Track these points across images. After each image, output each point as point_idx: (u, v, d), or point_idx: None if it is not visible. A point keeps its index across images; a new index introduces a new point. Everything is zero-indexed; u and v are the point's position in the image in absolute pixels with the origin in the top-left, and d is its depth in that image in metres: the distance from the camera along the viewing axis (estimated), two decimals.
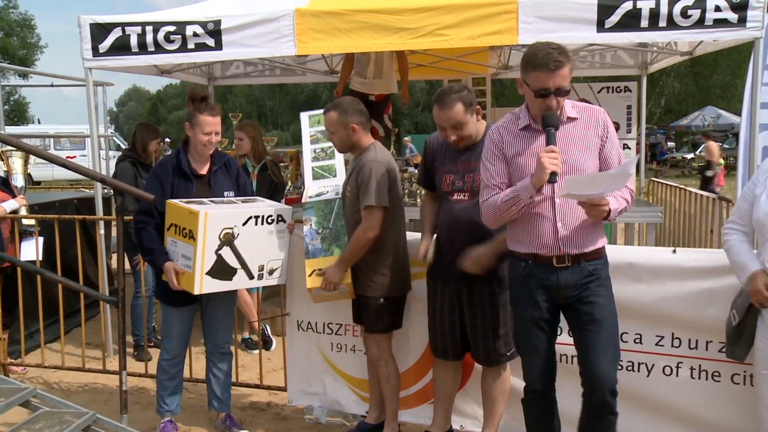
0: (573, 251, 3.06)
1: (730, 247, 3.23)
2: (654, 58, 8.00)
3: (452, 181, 3.58)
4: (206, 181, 3.97)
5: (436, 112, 3.51)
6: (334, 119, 3.79)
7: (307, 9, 4.82)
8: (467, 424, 4.09)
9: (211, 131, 3.88)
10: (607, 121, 3.13)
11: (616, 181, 2.93)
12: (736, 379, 3.53)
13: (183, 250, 3.70)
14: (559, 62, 2.88)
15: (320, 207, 3.91)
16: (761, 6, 4.24)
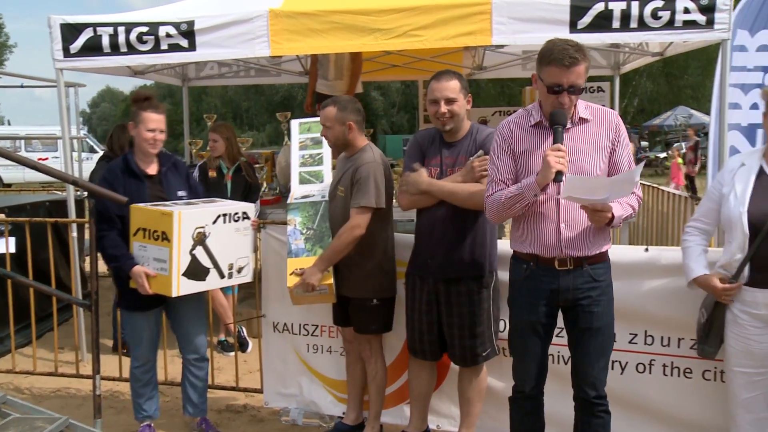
0: (575, 254, 3.03)
1: (684, 249, 3.30)
2: (626, 59, 8.09)
3: (436, 175, 3.58)
4: (158, 181, 3.93)
5: (433, 85, 3.51)
6: (332, 114, 3.79)
7: (281, 10, 4.80)
8: (444, 424, 4.10)
9: (156, 128, 3.84)
10: (620, 125, 3.09)
11: (621, 187, 2.88)
12: (707, 376, 3.59)
13: (155, 253, 3.65)
14: (575, 59, 2.85)
15: (306, 208, 3.92)
16: (728, 8, 4.31)
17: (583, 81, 2.92)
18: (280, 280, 4.33)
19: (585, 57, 2.89)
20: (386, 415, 4.16)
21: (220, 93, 43.81)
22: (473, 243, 3.54)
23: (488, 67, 8.93)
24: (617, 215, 2.95)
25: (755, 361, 3.11)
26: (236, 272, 3.95)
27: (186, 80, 8.93)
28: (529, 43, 4.68)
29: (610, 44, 6.83)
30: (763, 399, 3.15)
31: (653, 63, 8.30)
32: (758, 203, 3.04)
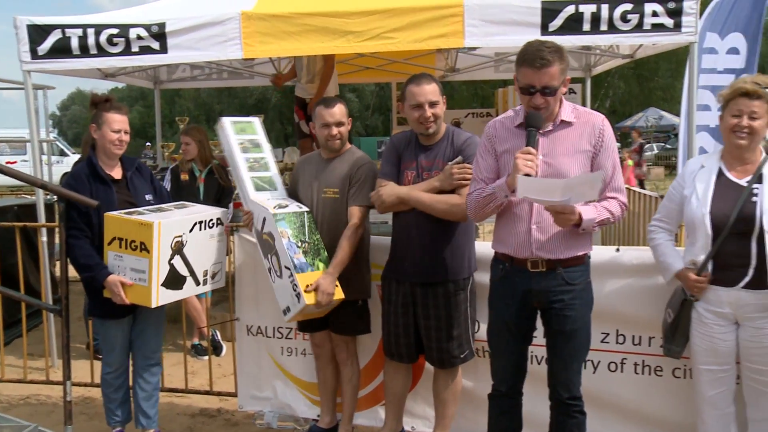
0: (547, 256, 3.04)
1: (656, 246, 3.35)
2: (597, 61, 8.18)
3: (412, 178, 3.58)
4: (125, 185, 3.84)
5: (413, 89, 3.49)
6: (344, 111, 3.84)
7: (254, 12, 4.78)
8: (418, 425, 4.11)
9: (120, 129, 3.76)
10: (604, 129, 3.05)
11: (583, 190, 2.82)
12: (677, 373, 3.64)
13: (133, 263, 3.57)
14: (546, 60, 2.86)
15: (291, 220, 3.70)
16: (694, 12, 4.38)
17: (559, 82, 2.92)
18: (254, 283, 4.32)
19: (560, 58, 2.90)
20: (360, 417, 4.16)
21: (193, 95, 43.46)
22: (450, 245, 3.54)
23: (461, 69, 8.98)
24: (587, 218, 2.92)
25: (720, 359, 3.17)
26: (210, 278, 3.92)
27: (158, 83, 8.85)
28: (501, 45, 4.72)
29: (582, 46, 6.92)
30: (728, 395, 3.21)
31: (624, 65, 8.40)
32: (719, 204, 3.10)
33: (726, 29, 6.05)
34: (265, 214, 3.67)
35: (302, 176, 3.95)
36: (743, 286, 3.05)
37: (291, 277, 3.56)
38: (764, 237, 2.99)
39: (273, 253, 3.63)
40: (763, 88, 3.04)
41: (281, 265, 3.61)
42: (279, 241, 3.58)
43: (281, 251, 3.58)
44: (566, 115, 3.05)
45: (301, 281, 3.53)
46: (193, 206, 4.02)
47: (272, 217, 3.62)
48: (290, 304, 3.61)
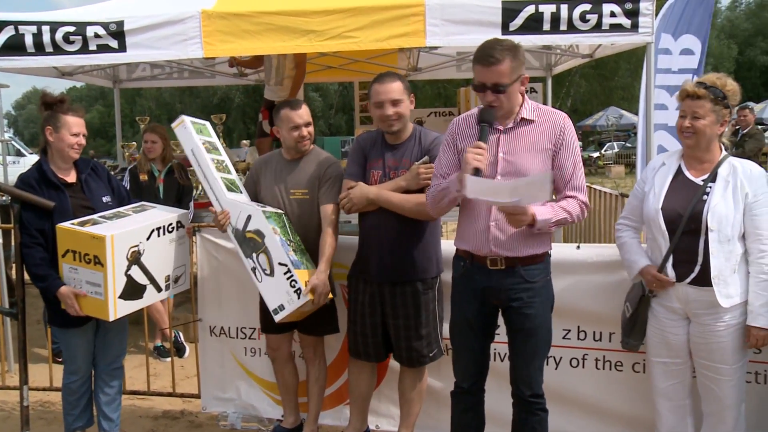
0: (505, 254, 3.06)
1: (622, 244, 3.40)
2: (558, 60, 8.26)
3: (378, 178, 3.59)
4: (79, 189, 3.72)
5: (376, 88, 3.50)
6: (309, 111, 3.85)
7: (214, 11, 4.73)
8: (383, 424, 4.12)
9: (79, 132, 3.66)
10: (566, 128, 3.07)
11: (533, 191, 2.80)
12: (636, 368, 3.71)
13: (88, 276, 3.47)
14: (495, 59, 2.89)
15: (276, 219, 3.67)
16: (650, 13, 4.45)
17: (510, 80, 2.94)
18: (216, 284, 4.29)
19: (513, 56, 2.92)
20: (325, 417, 4.16)
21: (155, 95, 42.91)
22: (418, 245, 3.56)
23: (423, 69, 9.00)
24: (541, 219, 2.93)
25: (672, 352, 3.25)
26: (173, 282, 3.86)
27: (117, 82, 8.71)
28: (462, 44, 4.74)
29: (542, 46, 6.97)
30: (681, 387, 3.29)
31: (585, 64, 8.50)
32: (672, 201, 3.16)
33: (679, 31, 6.18)
34: (251, 211, 3.61)
35: (264, 178, 3.91)
36: (689, 282, 3.12)
37: (288, 273, 3.51)
38: (708, 234, 3.06)
39: (261, 251, 3.56)
40: (708, 87, 3.10)
41: (273, 262, 3.53)
42: (271, 237, 3.53)
43: (274, 248, 3.52)
44: (527, 113, 3.07)
45: (300, 277, 3.51)
46: (153, 207, 3.94)
47: (261, 214, 3.57)
48: (285, 302, 3.53)
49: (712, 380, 3.16)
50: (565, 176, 3.06)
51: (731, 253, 3.06)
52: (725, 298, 3.05)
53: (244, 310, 4.20)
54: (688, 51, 6.26)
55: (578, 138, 18.28)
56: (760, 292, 3.04)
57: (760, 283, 3.04)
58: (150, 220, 3.70)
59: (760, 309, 3.02)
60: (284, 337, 3.96)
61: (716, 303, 3.06)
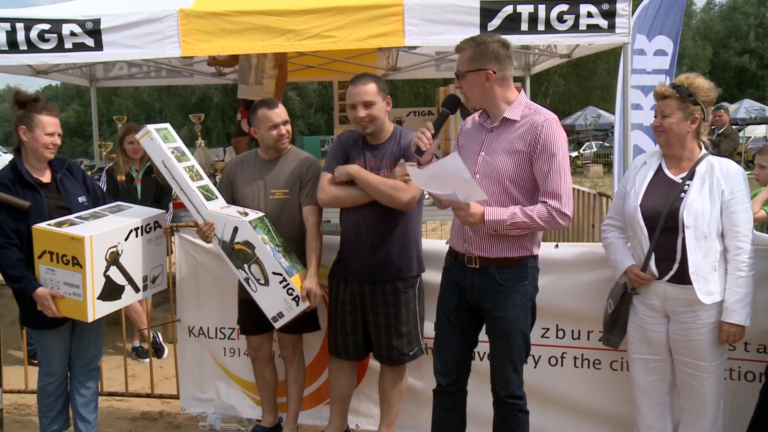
0: (477, 253, 3.08)
1: (608, 245, 3.43)
2: (536, 60, 8.32)
3: None
4: (54, 189, 3.68)
5: (350, 90, 3.52)
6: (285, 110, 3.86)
7: (192, 9, 4.69)
8: (363, 423, 4.12)
9: (54, 132, 3.62)
10: (543, 131, 2.96)
11: (457, 183, 2.78)
12: (614, 366, 3.74)
13: (66, 278, 3.43)
14: (460, 47, 3.05)
15: (261, 225, 3.63)
16: (627, 14, 4.49)
17: (466, 68, 3.04)
18: (195, 284, 4.27)
19: (475, 47, 3.02)
20: (305, 416, 4.15)
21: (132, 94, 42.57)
22: (398, 243, 3.57)
23: (402, 68, 9.02)
24: (491, 219, 2.92)
25: (651, 348, 3.29)
26: (150, 283, 3.84)
27: (94, 80, 8.63)
28: (440, 44, 4.75)
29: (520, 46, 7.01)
30: (662, 384, 3.33)
31: (564, 64, 8.56)
32: (651, 198, 3.21)
33: (653, 31, 6.26)
34: (237, 223, 3.56)
35: (240, 178, 3.89)
36: (668, 280, 3.16)
37: (284, 282, 3.52)
38: (685, 232, 3.11)
39: (252, 261, 3.55)
40: (675, 86, 3.17)
41: (267, 272, 3.54)
42: (262, 248, 3.52)
43: (267, 258, 3.52)
44: (511, 114, 3.07)
45: (295, 284, 3.52)
46: (130, 208, 3.90)
47: (249, 225, 3.54)
48: (283, 309, 3.56)
49: (692, 377, 3.20)
50: (539, 181, 2.99)
51: (709, 250, 3.10)
52: (706, 294, 3.09)
53: (223, 310, 4.18)
54: (661, 52, 6.35)
55: None
56: (736, 289, 3.08)
57: (736, 279, 3.08)
58: (128, 221, 3.67)
59: (734, 305, 3.06)
60: (265, 337, 3.96)
61: (694, 300, 3.09)
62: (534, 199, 3.02)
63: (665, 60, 6.36)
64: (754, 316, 3.39)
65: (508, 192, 3.02)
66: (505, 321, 3.10)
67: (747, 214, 3.12)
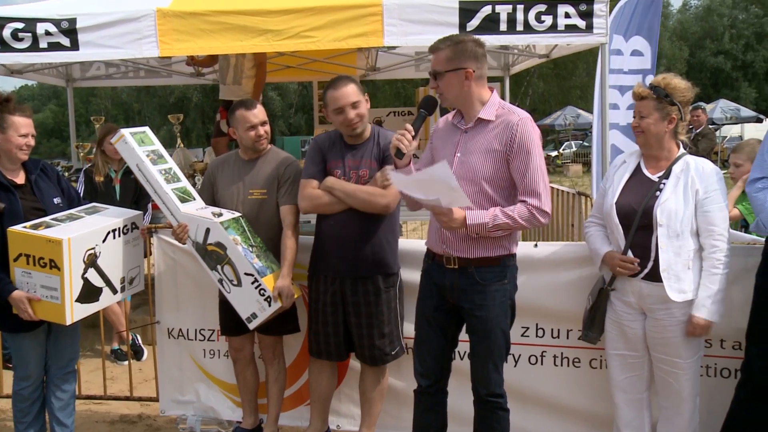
0: (455, 254, 3.08)
1: (588, 237, 3.47)
2: (515, 60, 8.36)
3: (338, 176, 3.58)
4: (29, 190, 3.63)
5: (333, 94, 3.49)
6: (264, 110, 3.85)
7: (170, 9, 4.67)
8: (344, 424, 4.11)
9: (28, 132, 3.56)
10: (518, 130, 2.97)
11: (442, 190, 2.77)
12: (593, 364, 3.76)
13: (43, 280, 3.38)
14: (436, 47, 3.04)
15: (234, 226, 3.62)
16: (604, 14, 4.54)
17: (444, 68, 3.02)
18: (174, 286, 4.24)
19: (452, 46, 3.01)
20: (285, 418, 4.14)
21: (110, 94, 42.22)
22: (378, 240, 3.57)
23: (382, 68, 9.04)
24: (473, 222, 2.92)
25: (628, 344, 3.32)
26: (128, 284, 3.81)
27: (71, 80, 8.56)
28: (420, 44, 4.76)
29: (499, 46, 7.05)
30: (639, 381, 3.36)
31: (543, 64, 8.61)
32: (627, 197, 3.25)
33: (629, 32, 6.32)
34: (209, 224, 3.56)
35: (221, 179, 3.89)
36: (643, 277, 3.19)
37: (256, 283, 3.52)
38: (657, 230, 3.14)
39: (225, 262, 3.55)
40: (652, 87, 3.21)
41: (239, 273, 3.53)
42: (234, 249, 3.51)
43: (238, 259, 3.52)
44: (486, 114, 3.07)
45: (267, 285, 3.52)
46: (106, 209, 3.86)
47: (220, 226, 3.53)
48: (256, 310, 3.56)
49: (668, 374, 3.23)
50: (517, 180, 3.00)
51: (681, 249, 3.13)
52: (677, 292, 3.12)
53: (203, 311, 4.16)
54: (638, 52, 6.42)
55: None
56: (708, 285, 3.11)
57: (709, 276, 3.12)
58: (105, 222, 3.64)
59: (705, 300, 3.10)
60: (246, 338, 3.94)
61: (668, 298, 3.12)
62: (510, 199, 3.04)
63: (642, 60, 6.43)
64: (730, 313, 3.44)
65: (485, 192, 3.03)
66: (486, 320, 3.11)
67: (722, 213, 3.16)
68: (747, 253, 3.49)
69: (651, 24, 6.49)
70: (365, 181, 3.54)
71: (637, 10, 6.34)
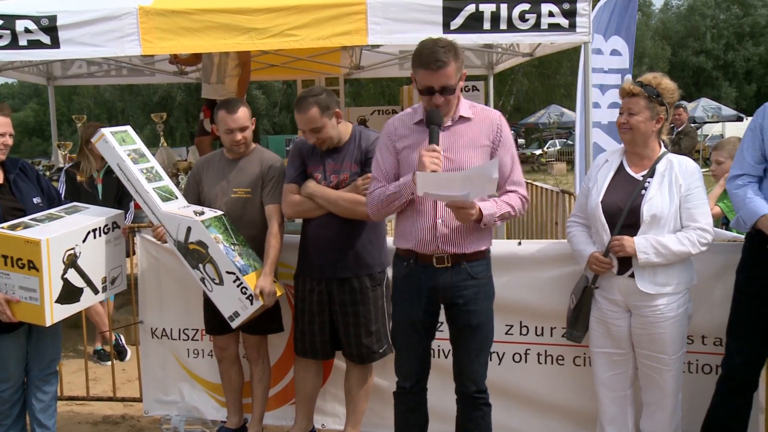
0: (452, 250, 3.07)
1: (571, 238, 3.48)
2: (499, 59, 8.39)
3: (319, 180, 3.58)
4: (8, 190, 3.59)
5: (296, 115, 3.50)
6: (248, 114, 3.82)
7: (152, 7, 4.63)
8: (329, 423, 4.11)
9: (5, 132, 3.52)
10: (502, 125, 3.12)
11: (480, 185, 2.85)
12: (577, 362, 3.78)
13: (21, 282, 3.35)
14: (442, 62, 2.90)
15: (216, 224, 3.61)
16: (587, 13, 4.56)
17: (455, 80, 2.98)
18: (157, 285, 4.22)
19: (455, 57, 2.95)
20: (270, 417, 4.13)
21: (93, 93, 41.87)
22: (363, 240, 3.57)
23: (366, 67, 9.03)
24: (487, 213, 2.98)
25: (613, 342, 3.34)
26: (110, 284, 3.78)
27: (51, 79, 8.48)
28: (404, 43, 4.77)
29: (483, 44, 7.07)
30: (624, 378, 3.39)
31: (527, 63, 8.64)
32: (612, 195, 3.27)
33: (609, 32, 6.38)
34: (190, 223, 3.55)
35: (206, 177, 3.89)
36: (630, 275, 3.22)
37: (238, 281, 3.51)
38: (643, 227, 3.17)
39: (206, 261, 3.54)
40: (643, 85, 3.21)
41: (221, 271, 3.53)
42: (215, 247, 3.50)
43: (220, 257, 3.51)
44: (464, 111, 3.11)
45: (249, 283, 3.51)
46: (87, 208, 3.83)
47: (201, 224, 3.52)
48: (239, 308, 3.55)
49: (653, 369, 3.27)
50: (504, 172, 3.10)
51: None
52: (651, 284, 3.17)
53: (186, 311, 4.14)
54: (616, 52, 6.49)
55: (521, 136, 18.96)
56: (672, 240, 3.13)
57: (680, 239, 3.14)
58: (85, 222, 3.61)
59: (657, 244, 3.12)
60: (231, 337, 3.93)
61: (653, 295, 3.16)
62: None
63: (621, 60, 6.51)
64: (711, 310, 3.49)
65: None
66: (480, 313, 3.15)
67: (705, 208, 3.21)
68: (727, 250, 3.54)
69: (629, 24, 6.58)
70: (346, 185, 3.53)
71: (615, 11, 6.41)
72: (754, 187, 3.26)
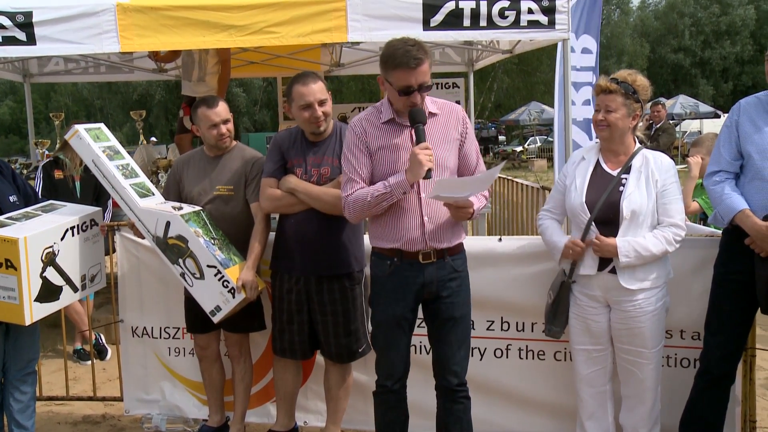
0: (438, 246, 3.10)
1: (544, 230, 3.50)
2: (479, 56, 8.41)
3: (300, 174, 3.56)
4: None
5: (300, 90, 3.44)
6: (227, 107, 3.82)
7: (130, 4, 4.58)
8: (311, 420, 4.11)
9: None
10: (466, 118, 3.23)
11: (481, 184, 3.04)
12: (558, 357, 3.81)
13: None
14: (419, 59, 2.93)
15: (195, 219, 3.59)
16: (566, 10, 4.60)
17: (429, 77, 3.02)
18: (138, 284, 4.19)
19: (427, 54, 2.99)
20: (252, 415, 4.12)
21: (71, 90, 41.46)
22: (342, 238, 3.56)
23: (346, 64, 9.01)
24: (476, 208, 3.08)
25: (593, 338, 3.37)
26: (89, 282, 3.76)
27: (28, 76, 8.37)
28: (384, 40, 4.69)
29: (463, 41, 7.09)
30: (603, 374, 3.42)
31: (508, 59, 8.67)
32: (593, 194, 3.29)
33: (579, 30, 6.45)
34: (169, 217, 3.53)
35: (187, 176, 3.86)
36: (609, 271, 3.25)
37: (219, 275, 3.50)
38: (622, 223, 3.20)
39: (186, 256, 3.52)
40: (619, 82, 3.24)
41: (201, 265, 3.51)
42: (195, 241, 3.49)
43: (200, 251, 3.49)
44: (431, 107, 3.14)
45: (231, 276, 3.50)
46: (64, 206, 3.80)
47: (180, 219, 3.50)
48: (220, 302, 3.53)
49: (632, 364, 3.30)
50: (470, 164, 3.21)
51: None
52: (631, 279, 3.20)
53: (167, 309, 4.12)
54: (587, 50, 6.58)
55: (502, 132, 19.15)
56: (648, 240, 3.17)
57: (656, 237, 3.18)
58: (63, 220, 3.58)
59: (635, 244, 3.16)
60: (212, 335, 3.92)
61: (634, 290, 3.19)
62: None
63: (590, 58, 6.59)
64: (689, 304, 3.53)
65: None
66: (462, 305, 3.21)
67: (679, 204, 3.26)
68: (705, 245, 3.58)
69: (596, 23, 6.68)
70: (327, 179, 3.52)
71: (585, 9, 6.49)
72: (731, 184, 3.31)
